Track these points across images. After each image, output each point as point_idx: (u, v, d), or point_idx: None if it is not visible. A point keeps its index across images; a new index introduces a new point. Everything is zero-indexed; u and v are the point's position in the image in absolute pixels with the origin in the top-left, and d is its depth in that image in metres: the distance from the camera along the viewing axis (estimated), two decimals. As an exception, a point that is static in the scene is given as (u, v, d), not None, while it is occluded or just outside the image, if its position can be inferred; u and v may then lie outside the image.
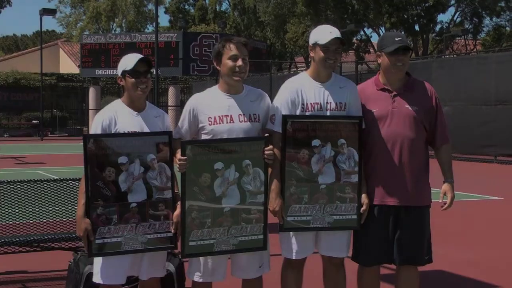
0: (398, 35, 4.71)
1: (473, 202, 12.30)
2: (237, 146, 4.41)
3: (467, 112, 21.29)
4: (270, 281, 4.74)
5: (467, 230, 9.42)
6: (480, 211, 11.24)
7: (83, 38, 38.39)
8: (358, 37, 45.47)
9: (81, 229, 4.29)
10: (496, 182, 15.52)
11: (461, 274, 6.88)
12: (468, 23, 46.25)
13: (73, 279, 5.94)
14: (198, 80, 38.04)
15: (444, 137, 4.76)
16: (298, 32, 43.52)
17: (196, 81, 38.86)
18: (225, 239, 4.40)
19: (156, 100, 25.45)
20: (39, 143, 33.79)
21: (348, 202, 4.55)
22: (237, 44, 4.45)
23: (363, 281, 4.77)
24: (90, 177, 4.28)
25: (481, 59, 22.98)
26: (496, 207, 11.78)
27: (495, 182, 15.52)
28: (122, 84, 4.48)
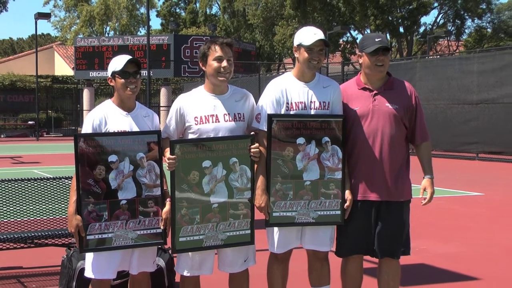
0: (378, 36, 4.72)
1: (455, 197, 12.36)
2: (224, 144, 4.41)
3: (450, 111, 21.40)
4: (257, 274, 4.75)
5: (448, 225, 9.45)
6: (462, 207, 11.28)
7: (77, 41, 38.43)
8: (344, 38, 45.61)
9: (72, 226, 4.30)
10: (478, 178, 15.59)
11: (441, 267, 6.91)
12: (450, 25, 46.50)
13: (66, 274, 5.94)
14: (189, 81, 38.00)
15: (423, 135, 4.78)
16: (286, 34, 43.59)
17: (187, 82, 38.80)
18: (213, 234, 4.41)
19: (148, 101, 25.44)
20: (35, 143, 33.77)
21: (332, 198, 4.57)
22: (222, 45, 4.45)
23: (346, 273, 4.79)
24: (81, 175, 4.28)
25: (464, 59, 23.07)
26: (477, 203, 11.83)
27: (476, 178, 15.59)
28: (112, 84, 4.49)
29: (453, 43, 50.27)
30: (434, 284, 6.28)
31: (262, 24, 47.81)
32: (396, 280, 4.78)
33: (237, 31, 52.65)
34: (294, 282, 4.82)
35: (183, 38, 36.67)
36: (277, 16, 45.82)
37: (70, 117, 44.05)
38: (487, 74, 20.32)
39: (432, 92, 21.67)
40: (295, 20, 42.16)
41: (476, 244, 8.21)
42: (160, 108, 33.87)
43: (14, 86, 42.21)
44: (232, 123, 4.47)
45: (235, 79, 27.69)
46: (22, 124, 41.84)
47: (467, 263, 7.12)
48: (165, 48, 34.81)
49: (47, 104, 43.21)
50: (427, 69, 22.89)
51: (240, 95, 4.61)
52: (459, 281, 6.42)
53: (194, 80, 35.53)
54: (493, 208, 11.11)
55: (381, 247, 4.66)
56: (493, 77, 20.15)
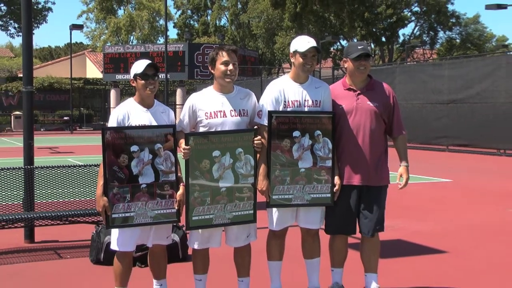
0: (360, 44, 4.74)
1: (428, 183, 12.37)
2: (231, 137, 4.40)
3: (425, 109, 21.38)
4: (258, 248, 4.75)
5: (421, 207, 9.46)
6: (433, 191, 11.29)
7: (105, 49, 38.44)
8: (334, 47, 45.53)
9: (100, 206, 4.30)
10: (447, 167, 15.57)
11: (415, 242, 6.92)
12: (425, 36, 46.46)
13: (95, 247, 5.98)
14: (201, 83, 37.94)
15: (400, 129, 4.78)
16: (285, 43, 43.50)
17: (199, 84, 38.74)
18: (221, 214, 4.41)
19: (166, 100, 25.47)
20: (69, 136, 33.86)
21: (323, 183, 4.56)
22: (228, 51, 4.45)
23: (334, 248, 4.79)
24: (107, 162, 4.28)
25: (436, 66, 23.01)
26: (446, 188, 11.84)
27: (446, 167, 15.58)
28: (134, 85, 4.49)
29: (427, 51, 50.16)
30: (409, 257, 6.29)
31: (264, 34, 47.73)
32: (376, 254, 4.79)
33: (243, 40, 52.54)
34: (289, 255, 4.82)
35: (196, 46, 36.63)
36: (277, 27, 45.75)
37: (99, 114, 44.07)
38: (456, 78, 20.30)
39: (410, 94, 21.63)
40: (292, 31, 42.07)
41: (445, 222, 8.21)
42: (176, 106, 33.90)
43: (52, 87, 42.30)
44: (238, 118, 4.46)
45: (240, 81, 27.66)
46: (58, 120, 41.94)
47: (437, 239, 7.12)
48: (180, 54, 34.80)
49: (80, 103, 43.27)
50: (405, 73, 22.85)
51: (244, 93, 4.59)
52: (431, 254, 6.43)
53: (205, 82, 35.50)
54: (459, 192, 11.10)
55: (363, 226, 4.67)
56: (460, 81, 20.13)
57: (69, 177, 6.92)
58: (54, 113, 42.27)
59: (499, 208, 9.33)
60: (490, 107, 19.04)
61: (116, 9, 59.18)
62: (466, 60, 22.35)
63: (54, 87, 42.37)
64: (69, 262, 6.15)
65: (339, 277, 4.79)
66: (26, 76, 7.12)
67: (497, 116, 18.73)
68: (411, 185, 4.93)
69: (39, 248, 6.69)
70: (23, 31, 7.27)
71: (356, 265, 4.90)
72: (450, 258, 6.30)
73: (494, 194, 10.75)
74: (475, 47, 48.26)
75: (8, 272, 5.77)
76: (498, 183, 12.35)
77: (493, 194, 10.82)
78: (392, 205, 5.39)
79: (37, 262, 6.15)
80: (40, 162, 7.43)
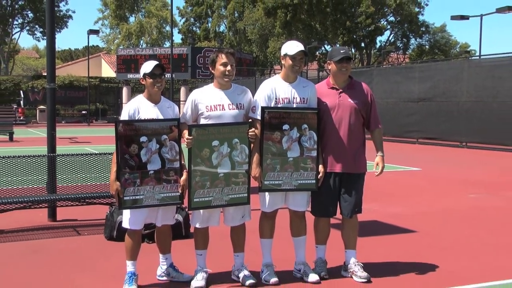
0: (343, 49, 4.71)
1: (400, 171, 12.38)
2: (228, 128, 4.39)
3: (398, 106, 21.39)
4: (252, 228, 4.73)
5: (394, 192, 9.47)
6: (405, 178, 11.30)
7: (118, 51, 38.30)
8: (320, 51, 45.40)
9: (113, 189, 4.28)
10: (417, 157, 15.60)
11: (389, 223, 6.93)
12: (399, 42, 46.42)
13: (109, 226, 5.96)
14: (202, 82, 37.81)
15: (376, 123, 4.77)
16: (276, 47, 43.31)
17: (201, 82, 38.64)
18: (220, 196, 4.39)
19: (171, 96, 25.37)
20: (87, 127, 33.73)
21: (309, 170, 4.54)
22: (227, 54, 4.44)
23: (318, 228, 4.78)
24: (120, 151, 4.25)
25: (408, 68, 22.99)
26: (416, 176, 11.85)
27: (416, 157, 15.60)
28: (144, 83, 4.46)
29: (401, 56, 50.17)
30: (384, 236, 6.29)
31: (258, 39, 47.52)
32: (355, 233, 4.78)
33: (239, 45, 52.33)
34: (279, 234, 4.80)
35: (198, 50, 36.50)
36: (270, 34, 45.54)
37: (113, 108, 43.86)
38: (425, 79, 20.31)
39: (385, 93, 21.63)
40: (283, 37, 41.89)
41: (415, 206, 8.22)
42: (180, 102, 33.73)
43: (71, 85, 42.15)
44: (235, 110, 4.44)
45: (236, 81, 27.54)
46: (77, 113, 41.76)
47: (407, 220, 7.13)
48: (184, 57, 34.67)
49: (96, 98, 43.09)
50: (381, 75, 22.85)
51: (241, 90, 4.57)
52: (402, 233, 6.43)
53: (206, 81, 35.35)
54: (428, 180, 11.11)
55: (343, 208, 4.67)
56: (429, 82, 20.14)
57: (86, 163, 6.91)
58: (74, 107, 42.09)
59: (461, 193, 9.36)
60: (454, 105, 19.09)
61: (128, 17, 58.90)
62: (434, 64, 22.39)
63: (73, 85, 42.25)
64: (86, 238, 6.12)
65: (323, 253, 4.78)
66: (49, 75, 7.11)
67: (460, 113, 18.78)
68: (386, 173, 4.93)
69: (60, 226, 6.67)
70: (47, 35, 7.26)
71: (337, 243, 4.89)
72: (419, 236, 6.30)
73: (457, 182, 10.77)
74: (442, 53, 48.32)
75: (34, 246, 5.75)
76: (461, 171, 12.38)
77: (456, 181, 10.84)
78: (369, 191, 5.38)
79: (59, 238, 6.13)
80: (61, 151, 7.41)
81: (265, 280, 4.51)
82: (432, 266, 5.04)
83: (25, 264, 5.11)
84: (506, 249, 5.75)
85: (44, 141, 7.33)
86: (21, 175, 6.59)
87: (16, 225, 6.57)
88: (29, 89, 41.29)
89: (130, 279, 4.33)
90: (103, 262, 5.16)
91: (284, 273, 4.64)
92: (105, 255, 5.39)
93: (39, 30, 50.46)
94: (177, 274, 4.59)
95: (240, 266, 4.57)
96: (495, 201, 8.66)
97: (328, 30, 40.75)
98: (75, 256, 5.40)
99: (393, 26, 45.21)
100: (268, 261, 4.62)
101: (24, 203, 6.23)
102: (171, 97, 25.41)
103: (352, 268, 4.65)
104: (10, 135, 21.53)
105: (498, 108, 17.39)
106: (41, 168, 6.70)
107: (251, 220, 4.63)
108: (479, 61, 20.16)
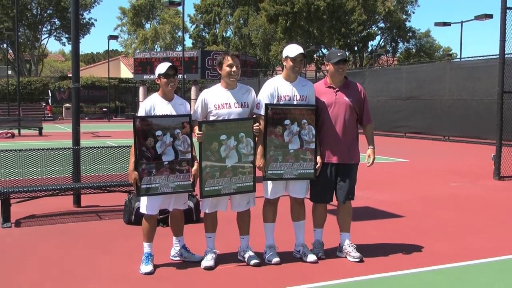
0: (340, 51, 4.67)
1: (390, 163, 12.33)
2: (235, 124, 4.36)
3: (388, 104, 21.29)
4: (256, 213, 4.72)
5: (384, 181, 9.43)
6: (394, 169, 11.26)
7: (135, 54, 38.23)
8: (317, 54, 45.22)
9: (131, 178, 4.27)
10: (405, 150, 15.54)
11: (379, 209, 6.90)
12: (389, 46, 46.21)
13: (127, 211, 5.95)
14: (211, 81, 37.77)
15: (368, 119, 4.74)
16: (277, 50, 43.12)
17: (209, 82, 38.55)
18: (228, 185, 4.37)
19: (183, 95, 25.31)
20: (107, 123, 33.74)
21: (308, 161, 4.51)
22: (233, 56, 4.41)
23: (316, 213, 4.76)
24: (137, 144, 4.23)
25: (397, 70, 22.87)
26: (404, 166, 11.81)
27: (404, 150, 15.55)
28: (158, 82, 4.43)
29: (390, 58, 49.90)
30: (375, 220, 6.27)
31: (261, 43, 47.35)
32: (349, 217, 4.76)
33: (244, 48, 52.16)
34: (281, 219, 4.79)
35: (207, 53, 36.35)
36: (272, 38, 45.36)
37: (130, 106, 43.87)
38: (412, 80, 20.22)
39: (376, 92, 21.52)
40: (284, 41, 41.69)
41: (403, 193, 8.19)
42: (191, 100, 33.68)
43: (93, 85, 42.20)
44: (240, 109, 4.40)
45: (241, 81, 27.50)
46: (98, 110, 41.78)
47: (396, 206, 7.10)
48: (194, 59, 34.59)
49: (115, 97, 43.07)
50: (373, 76, 22.73)
51: (245, 89, 4.54)
52: (391, 218, 6.41)
53: (214, 81, 35.29)
54: (414, 170, 11.06)
55: (338, 195, 4.64)
56: (415, 82, 20.04)
57: (107, 155, 6.90)
58: (95, 105, 42.11)
59: (444, 182, 9.31)
60: (437, 103, 18.99)
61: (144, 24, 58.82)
62: (419, 66, 22.27)
63: (95, 85, 42.30)
64: (107, 222, 6.12)
65: (320, 236, 4.76)
66: (74, 76, 7.10)
67: (443, 110, 18.69)
68: (376, 164, 4.90)
69: (84, 211, 6.67)
70: (72, 40, 7.25)
71: (333, 226, 4.87)
72: (406, 221, 6.28)
73: (440, 172, 10.72)
74: (427, 56, 48.04)
75: (61, 229, 5.76)
76: (444, 162, 12.32)
77: (439, 171, 10.79)
78: (362, 180, 5.35)
79: (83, 222, 6.13)
80: (85, 144, 7.40)
81: (268, 260, 4.49)
82: (417, 247, 5.02)
83: (53, 245, 5.11)
84: (484, 231, 5.72)
85: (70, 136, 7.32)
86: (49, 165, 6.59)
87: (45, 211, 6.58)
88: (56, 89, 41.35)
89: (147, 259, 4.32)
90: (122, 243, 5.15)
91: (285, 254, 4.63)
92: (124, 238, 5.38)
93: (65, 36, 50.49)
94: (189, 254, 4.58)
95: (246, 248, 4.55)
96: (474, 189, 8.62)
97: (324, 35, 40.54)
98: (97, 238, 5.39)
99: (383, 31, 44.98)
100: (271, 243, 4.60)
101: (52, 191, 6.23)
102: (183, 95, 25.36)
103: (347, 249, 4.63)
104: (39, 130, 21.61)
105: (477, 105, 17.30)
106: (67, 159, 6.70)
107: (256, 206, 4.61)
108: (460, 63, 20.05)
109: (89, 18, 53.18)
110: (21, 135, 21.11)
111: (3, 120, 22.51)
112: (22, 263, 4.54)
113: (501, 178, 9.58)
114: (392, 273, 4.26)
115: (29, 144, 15.64)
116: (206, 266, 4.35)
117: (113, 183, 6.47)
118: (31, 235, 5.51)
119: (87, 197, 6.95)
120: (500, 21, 9.46)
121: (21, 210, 6.36)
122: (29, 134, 21.33)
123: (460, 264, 4.54)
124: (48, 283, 4.03)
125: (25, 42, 47.51)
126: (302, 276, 4.16)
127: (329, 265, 4.47)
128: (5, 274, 4.23)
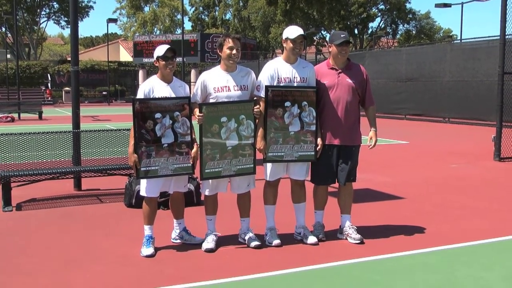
0: (343, 33, 4.61)
1: (390, 145, 12.30)
2: (235, 106, 4.31)
3: (388, 86, 21.17)
4: (257, 195, 4.70)
5: (385, 163, 9.41)
6: (395, 151, 11.23)
7: (135, 38, 37.98)
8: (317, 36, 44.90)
9: (131, 161, 4.24)
10: (405, 132, 15.50)
11: (380, 191, 6.88)
12: (389, 28, 45.86)
13: (128, 194, 5.94)
14: (210, 64, 37.54)
15: (370, 101, 4.69)
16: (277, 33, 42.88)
17: (209, 65, 38.32)
18: (228, 167, 4.34)
19: (183, 78, 25.20)
20: (107, 107, 33.61)
21: (309, 143, 4.48)
22: (233, 39, 4.35)
23: (317, 195, 4.74)
24: (137, 127, 4.19)
25: (397, 52, 22.70)
26: (404, 148, 11.78)
27: (404, 132, 15.50)
28: (157, 65, 4.37)
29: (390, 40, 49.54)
30: (375, 202, 6.26)
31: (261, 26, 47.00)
32: (350, 199, 4.75)
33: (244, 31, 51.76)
34: (281, 201, 4.77)
35: (206, 36, 36.06)
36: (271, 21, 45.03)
37: (130, 89, 43.62)
38: (412, 61, 20.07)
39: (376, 74, 21.36)
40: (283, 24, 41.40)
41: (403, 175, 8.18)
42: (191, 83, 33.54)
43: (93, 68, 41.94)
44: (239, 92, 4.36)
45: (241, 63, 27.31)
46: (98, 94, 41.59)
47: (397, 187, 7.09)
48: (194, 42, 34.32)
49: (115, 81, 42.84)
50: (373, 58, 22.57)
51: (245, 72, 4.48)
52: (392, 200, 6.40)
53: (214, 64, 35.01)
54: (414, 152, 11.04)
55: (340, 177, 4.61)
56: (415, 64, 19.90)
57: (107, 139, 6.87)
58: (95, 89, 41.91)
59: (444, 164, 9.29)
60: (438, 84, 18.89)
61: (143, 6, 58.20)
62: (419, 48, 22.06)
63: (94, 68, 42.03)
64: (108, 205, 6.11)
65: (321, 218, 4.75)
66: (73, 59, 7.05)
67: (443, 91, 18.60)
68: (378, 146, 4.86)
69: (85, 194, 6.66)
70: (71, 24, 7.18)
71: (334, 208, 4.85)
72: (407, 202, 6.27)
73: (440, 153, 10.70)
74: (427, 37, 47.72)
75: (62, 212, 5.75)
76: (444, 144, 12.29)
77: (439, 153, 10.76)
78: (363, 162, 5.32)
79: (84, 205, 6.12)
80: (85, 127, 7.35)
81: (268, 242, 4.49)
82: (418, 228, 5.01)
83: (54, 228, 5.10)
84: (484, 212, 5.71)
85: (70, 119, 7.28)
86: (49, 149, 6.56)
87: (46, 194, 6.57)
88: (55, 72, 41.13)
89: (148, 242, 4.31)
90: (123, 226, 5.15)
91: (286, 236, 4.62)
92: (125, 220, 5.37)
93: (63, 19, 50.10)
94: (190, 237, 4.57)
95: (246, 230, 4.54)
96: (473, 170, 8.60)
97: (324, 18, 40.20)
98: (98, 221, 5.38)
99: (383, 13, 44.57)
100: (272, 225, 4.59)
101: (53, 174, 6.21)
102: (183, 78, 25.26)
103: (347, 231, 4.62)
104: (39, 114, 21.51)
105: (477, 87, 17.20)
106: (67, 143, 6.67)
107: (256, 188, 4.58)
108: (460, 44, 19.88)
109: (88, 1, 52.51)
110: (21, 119, 21.06)
111: (3, 104, 22.42)
112: (23, 246, 4.53)
113: (501, 159, 9.56)
114: (393, 254, 4.26)
115: (29, 128, 15.62)
116: (207, 249, 4.34)
117: (114, 166, 6.45)
118: (32, 218, 5.51)
119: (87, 181, 6.94)
120: (501, 1, 9.34)
121: (21, 193, 6.35)
122: (29, 118, 21.28)
123: (461, 245, 4.53)
124: (49, 265, 4.03)
125: (23, 26, 47.13)
126: (303, 258, 4.16)
127: (329, 247, 4.46)
128: (6, 257, 4.23)
